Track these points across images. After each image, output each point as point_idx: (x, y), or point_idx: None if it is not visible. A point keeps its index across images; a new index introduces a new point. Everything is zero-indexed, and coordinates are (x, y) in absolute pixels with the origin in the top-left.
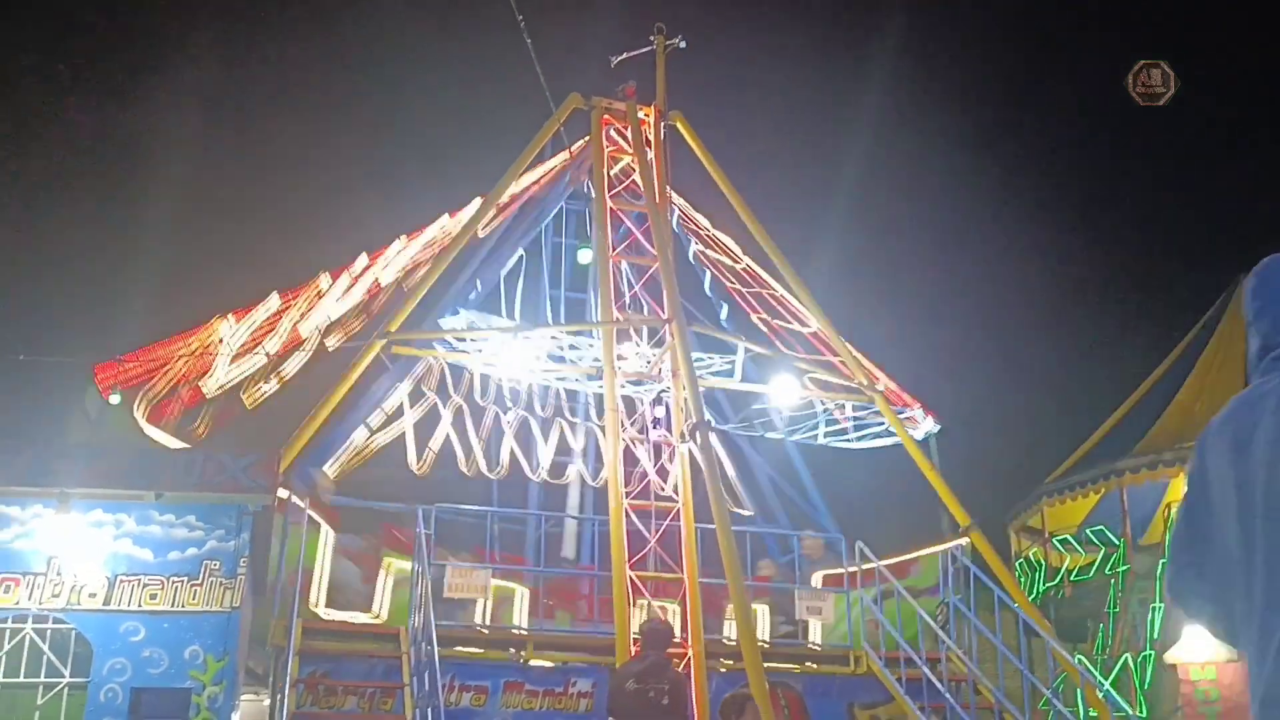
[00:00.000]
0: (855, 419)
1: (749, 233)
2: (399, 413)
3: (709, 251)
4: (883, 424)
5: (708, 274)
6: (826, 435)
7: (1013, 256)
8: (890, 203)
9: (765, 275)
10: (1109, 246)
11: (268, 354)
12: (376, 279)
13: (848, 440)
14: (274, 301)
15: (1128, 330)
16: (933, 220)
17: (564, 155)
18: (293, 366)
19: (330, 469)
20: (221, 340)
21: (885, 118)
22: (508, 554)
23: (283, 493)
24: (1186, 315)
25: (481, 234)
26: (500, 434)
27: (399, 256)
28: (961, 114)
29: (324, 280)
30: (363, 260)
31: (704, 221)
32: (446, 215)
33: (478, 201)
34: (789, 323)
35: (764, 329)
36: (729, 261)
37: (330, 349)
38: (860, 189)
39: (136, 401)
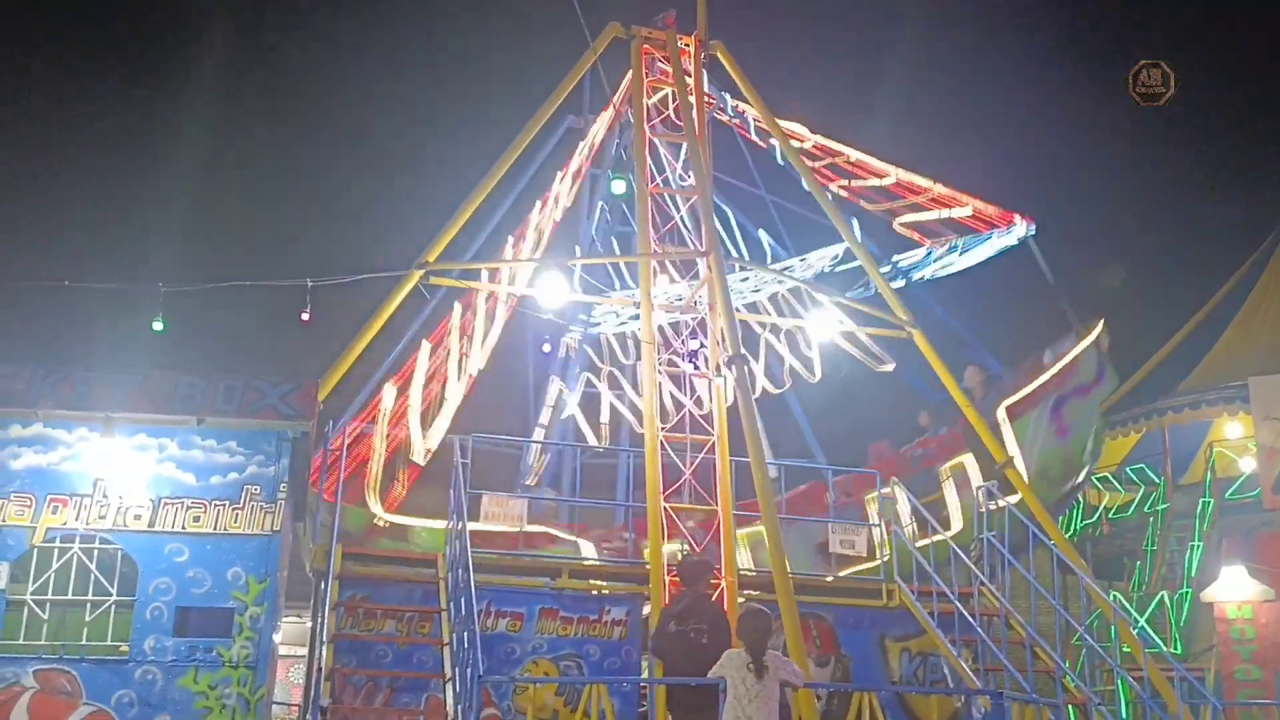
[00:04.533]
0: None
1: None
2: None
3: (772, 140)
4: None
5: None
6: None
7: (1060, 190)
8: (934, 138)
9: (837, 146)
10: (1154, 184)
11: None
12: (494, 293)
13: (948, 266)
14: (424, 352)
15: (1173, 267)
16: (988, 149)
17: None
18: (450, 410)
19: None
20: (406, 412)
21: (933, 48)
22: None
23: None
24: (1235, 252)
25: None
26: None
27: (517, 265)
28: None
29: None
30: (483, 276)
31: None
32: (538, 203)
33: (557, 175)
34: (866, 180)
35: (844, 194)
36: (797, 144)
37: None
38: (905, 117)
39: (368, 498)
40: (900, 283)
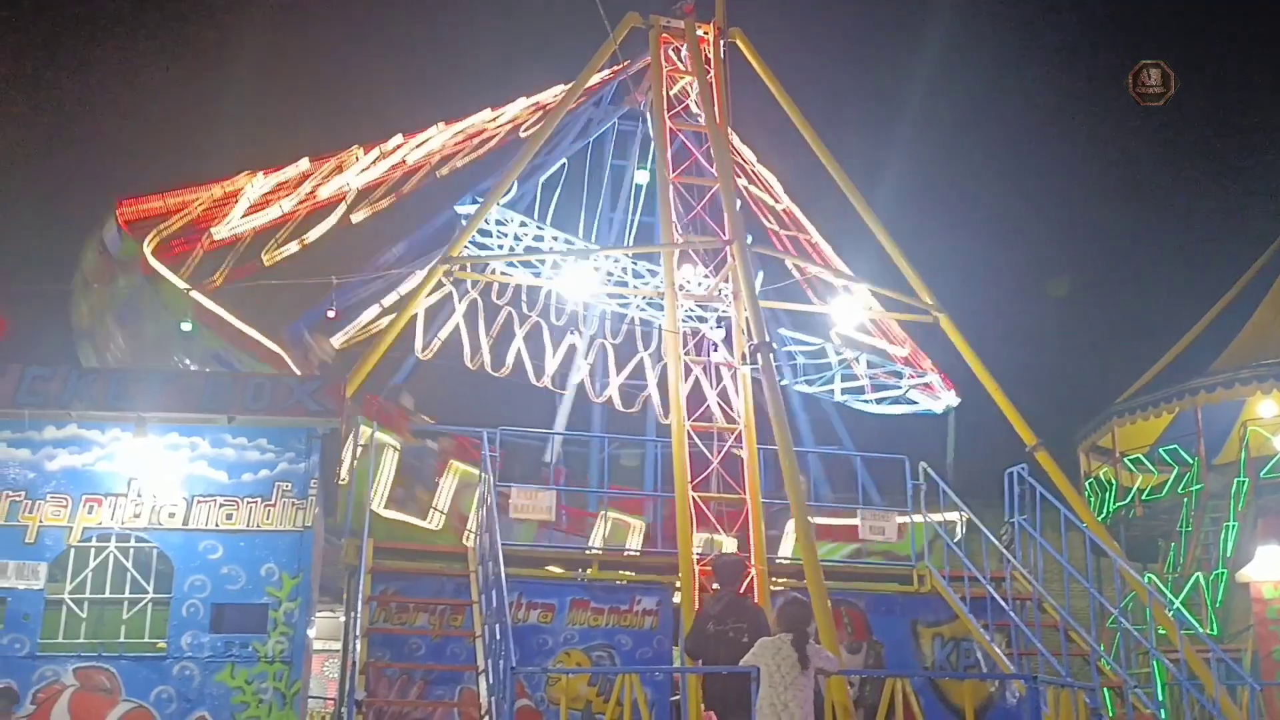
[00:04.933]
0: (870, 376)
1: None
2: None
3: (751, 188)
4: (900, 388)
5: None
6: (843, 392)
7: (1087, 173)
8: (957, 120)
9: (803, 220)
10: (1185, 161)
11: (283, 209)
12: (404, 158)
13: (864, 400)
14: (303, 164)
15: (1204, 246)
16: (1003, 136)
17: (606, 71)
18: (316, 233)
19: (337, 339)
20: (242, 190)
21: (952, 34)
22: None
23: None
24: (1266, 231)
25: (523, 135)
26: (568, 353)
27: (432, 140)
28: (1036, 27)
29: (357, 152)
30: (397, 139)
31: (749, 155)
32: (488, 109)
33: (521, 101)
34: (822, 267)
35: (795, 274)
36: (770, 200)
37: (355, 222)
38: (925, 107)
39: (147, 237)
40: (785, 381)
